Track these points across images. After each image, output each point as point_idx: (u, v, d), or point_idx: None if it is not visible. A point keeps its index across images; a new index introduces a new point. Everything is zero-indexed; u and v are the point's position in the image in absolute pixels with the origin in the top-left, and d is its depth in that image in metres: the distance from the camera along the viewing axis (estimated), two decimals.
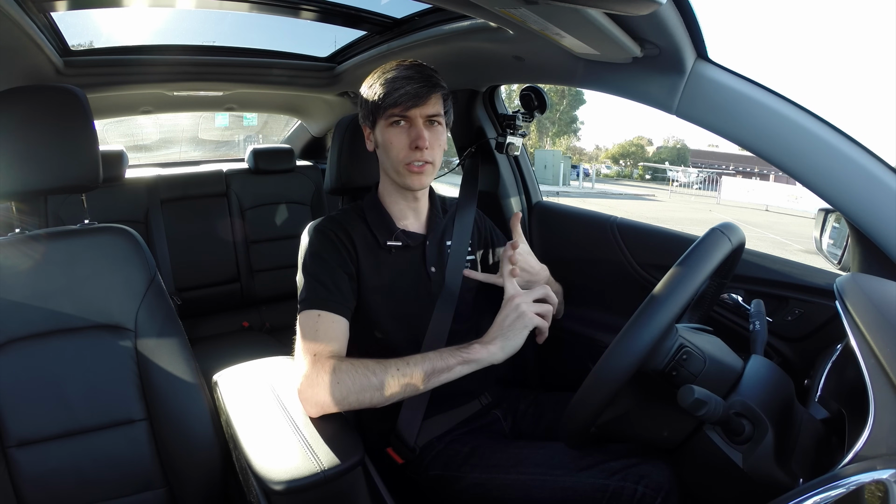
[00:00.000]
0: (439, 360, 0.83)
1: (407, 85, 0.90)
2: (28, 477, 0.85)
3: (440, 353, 0.85)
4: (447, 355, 0.84)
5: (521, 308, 0.86)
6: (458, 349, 0.85)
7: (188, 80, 1.82)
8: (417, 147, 0.91)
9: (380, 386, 0.80)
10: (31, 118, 0.89)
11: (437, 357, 0.84)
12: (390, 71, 0.93)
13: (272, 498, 0.71)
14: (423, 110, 0.91)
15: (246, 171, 2.32)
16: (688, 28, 0.76)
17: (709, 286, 0.86)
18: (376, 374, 0.80)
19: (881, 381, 0.54)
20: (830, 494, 0.49)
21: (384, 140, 0.94)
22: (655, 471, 0.80)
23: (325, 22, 1.45)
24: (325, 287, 0.89)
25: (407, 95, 0.89)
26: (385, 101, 0.90)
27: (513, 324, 0.85)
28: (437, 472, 0.93)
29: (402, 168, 0.93)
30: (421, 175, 0.94)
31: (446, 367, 0.83)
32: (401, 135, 0.92)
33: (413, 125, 0.92)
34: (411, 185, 0.95)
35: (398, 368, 0.81)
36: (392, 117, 0.92)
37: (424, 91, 0.90)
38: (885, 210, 0.74)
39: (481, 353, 0.84)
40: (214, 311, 2.21)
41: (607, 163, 39.29)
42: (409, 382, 0.81)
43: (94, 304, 0.91)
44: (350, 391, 0.79)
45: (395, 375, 0.81)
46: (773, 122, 0.79)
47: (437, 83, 0.93)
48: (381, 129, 0.94)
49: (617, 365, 0.64)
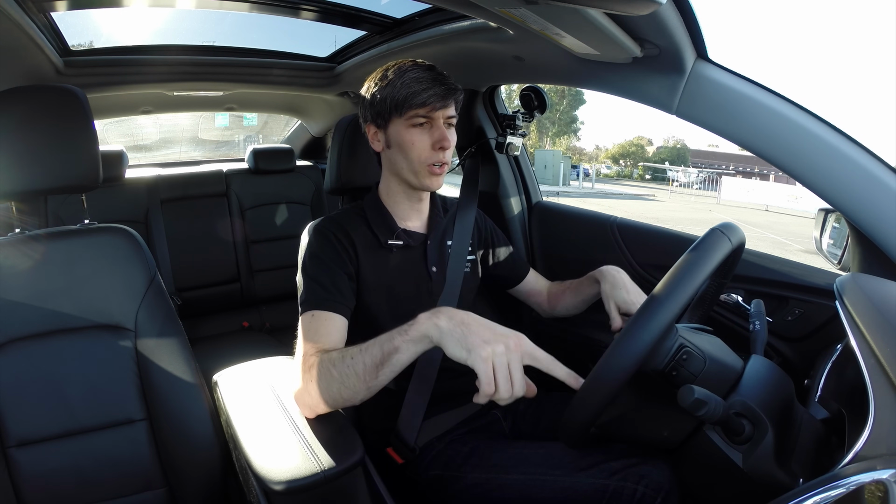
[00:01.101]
0: (388, 341, 0.72)
1: (434, 86, 0.89)
2: (28, 477, 0.85)
3: (388, 336, 0.73)
4: (395, 333, 0.73)
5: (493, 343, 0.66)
6: (402, 327, 0.73)
7: (188, 80, 1.82)
8: (442, 148, 0.91)
9: (341, 381, 0.74)
10: (31, 118, 0.89)
11: (386, 338, 0.73)
12: (410, 70, 0.91)
13: (272, 498, 0.71)
14: (445, 112, 0.91)
15: (246, 171, 2.32)
16: (688, 28, 0.76)
17: (709, 286, 0.86)
18: (336, 367, 0.75)
19: (881, 381, 0.54)
20: (830, 494, 0.49)
21: (403, 140, 0.92)
22: (655, 471, 0.80)
23: (325, 22, 1.45)
24: (324, 287, 0.89)
25: (436, 96, 0.89)
26: (411, 100, 0.89)
27: (477, 332, 0.67)
28: (437, 472, 0.93)
29: (422, 169, 0.93)
30: (440, 176, 0.94)
31: (394, 348, 0.72)
32: (423, 135, 0.91)
33: (435, 126, 0.91)
34: (430, 186, 0.95)
35: (352, 357, 0.74)
36: (416, 117, 0.91)
37: (449, 94, 0.90)
38: (885, 210, 0.74)
39: (425, 325, 0.70)
40: (214, 311, 2.20)
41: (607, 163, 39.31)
42: (363, 371, 0.73)
43: (94, 304, 0.91)
44: (324, 390, 0.76)
45: (350, 367, 0.74)
46: (773, 122, 0.79)
47: (457, 87, 0.93)
48: (400, 128, 0.92)
49: (617, 365, 0.64)
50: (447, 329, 0.68)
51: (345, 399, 0.76)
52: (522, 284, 1.20)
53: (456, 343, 0.67)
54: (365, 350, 0.74)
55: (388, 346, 0.72)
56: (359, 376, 0.73)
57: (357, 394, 0.75)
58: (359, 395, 0.75)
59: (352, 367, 0.74)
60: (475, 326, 0.67)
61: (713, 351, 0.70)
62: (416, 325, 0.71)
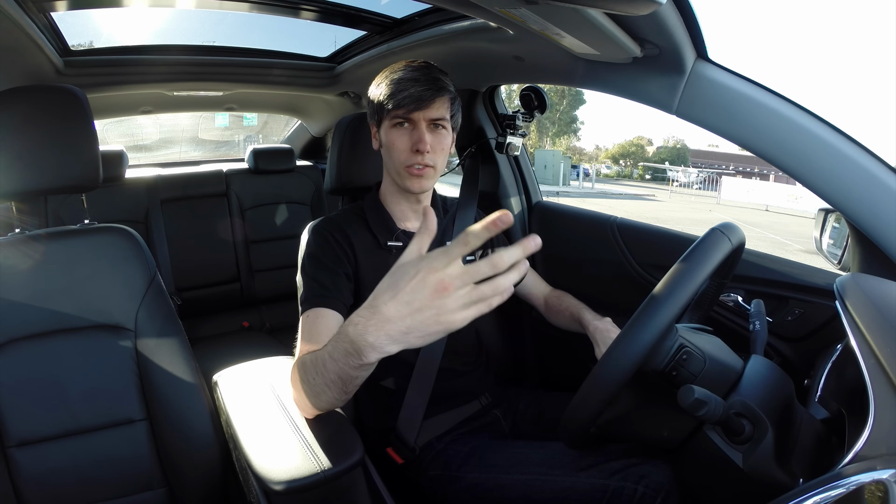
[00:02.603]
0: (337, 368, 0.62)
1: (411, 87, 0.89)
2: (28, 477, 0.85)
3: (335, 359, 0.61)
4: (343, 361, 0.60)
5: (443, 306, 0.51)
6: (346, 349, 0.58)
7: (188, 80, 1.82)
8: (418, 150, 0.90)
9: (313, 392, 0.69)
10: (31, 118, 0.89)
11: (332, 363, 0.62)
12: (398, 71, 0.92)
13: (272, 498, 0.70)
14: (426, 113, 0.90)
15: (246, 171, 2.32)
16: (688, 28, 0.76)
17: (709, 286, 0.86)
18: (309, 376, 0.68)
19: (881, 381, 0.54)
20: (830, 494, 0.49)
21: (387, 141, 0.94)
22: (655, 471, 0.80)
23: (325, 22, 1.45)
24: (324, 286, 0.89)
25: (410, 98, 0.88)
26: (389, 102, 0.90)
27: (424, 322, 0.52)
28: (437, 471, 0.93)
29: (402, 170, 0.93)
30: (421, 178, 0.93)
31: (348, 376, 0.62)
32: (403, 137, 0.92)
33: (416, 128, 0.91)
34: (410, 188, 0.95)
35: (317, 372, 0.66)
36: (396, 119, 0.91)
37: (429, 94, 0.89)
38: (885, 210, 0.74)
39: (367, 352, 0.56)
40: (214, 311, 2.21)
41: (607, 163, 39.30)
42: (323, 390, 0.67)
43: (94, 304, 0.91)
44: (301, 394, 0.72)
45: (313, 384, 0.68)
46: (773, 122, 0.79)
47: (444, 86, 0.91)
48: (385, 129, 0.94)
49: (617, 365, 0.64)
50: (404, 346, 0.54)
51: (331, 405, 0.71)
52: (521, 286, 1.20)
53: (426, 339, 0.53)
54: (322, 369, 0.65)
55: (342, 371, 0.61)
56: (329, 388, 0.66)
57: (339, 401, 0.69)
58: (340, 401, 0.69)
59: (319, 381, 0.67)
60: (419, 325, 0.52)
61: (713, 351, 0.70)
62: (364, 350, 0.56)
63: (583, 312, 1.08)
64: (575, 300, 1.14)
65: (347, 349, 0.58)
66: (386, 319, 0.53)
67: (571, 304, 1.13)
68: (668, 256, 0.79)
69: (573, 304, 1.13)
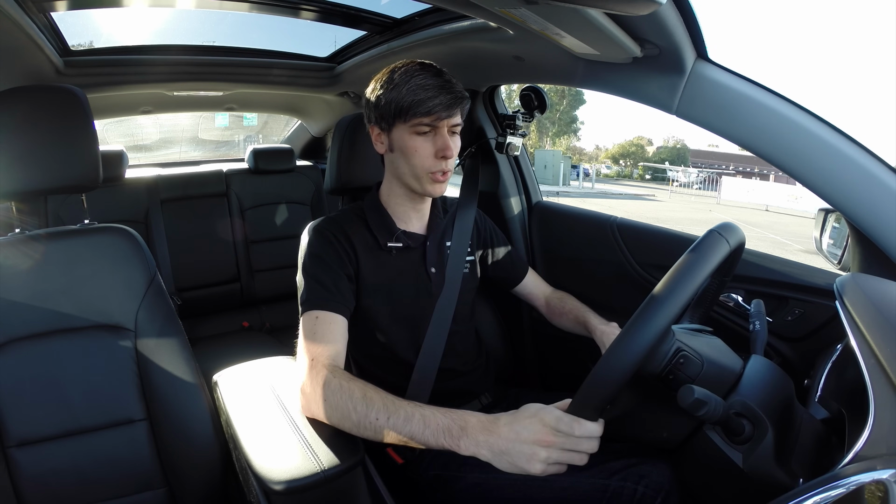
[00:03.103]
0: (422, 428, 0.69)
1: (440, 95, 0.87)
2: (28, 477, 0.85)
3: (426, 423, 0.69)
4: (436, 431, 0.68)
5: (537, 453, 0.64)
6: (450, 427, 0.68)
7: (188, 80, 1.82)
8: (444, 157, 0.90)
9: (356, 425, 0.73)
10: (31, 118, 0.89)
11: (421, 424, 0.69)
12: (417, 75, 0.89)
13: (272, 498, 0.70)
14: (450, 121, 0.90)
15: (246, 171, 2.32)
16: (688, 28, 0.76)
17: (709, 286, 0.86)
18: (357, 412, 0.73)
19: (881, 381, 0.54)
20: (830, 494, 0.49)
21: (406, 146, 0.91)
22: (655, 471, 0.80)
23: (325, 22, 1.45)
24: (325, 287, 0.89)
25: (441, 106, 0.87)
26: (416, 108, 0.87)
27: (519, 453, 0.64)
28: (437, 471, 0.93)
29: (424, 175, 0.92)
30: (443, 184, 0.94)
31: (423, 442, 0.69)
32: (426, 143, 0.90)
33: (439, 134, 0.90)
34: (432, 193, 0.95)
35: (377, 418, 0.71)
36: (420, 125, 0.89)
37: (455, 103, 0.88)
38: (885, 210, 0.74)
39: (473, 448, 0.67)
40: (214, 311, 2.21)
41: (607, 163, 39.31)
42: (382, 434, 0.71)
43: (94, 304, 0.91)
44: (332, 415, 0.75)
45: (372, 423, 0.72)
46: (773, 122, 0.79)
47: (464, 95, 0.91)
48: (403, 134, 0.91)
49: (617, 365, 0.64)
50: (491, 458, 0.66)
51: (349, 430, 0.74)
52: (521, 286, 1.20)
53: (508, 467, 0.65)
54: (394, 421, 0.70)
55: (421, 434, 0.69)
56: (375, 431, 0.71)
57: (363, 436, 0.74)
58: (365, 436, 0.74)
59: (373, 422, 0.71)
60: (515, 452, 0.64)
61: (711, 354, 0.70)
62: (465, 441, 0.67)
63: (588, 316, 1.08)
64: (578, 303, 1.14)
65: (450, 428, 0.68)
66: (497, 433, 0.66)
67: (575, 306, 1.13)
68: (668, 256, 0.79)
69: (577, 307, 1.13)
